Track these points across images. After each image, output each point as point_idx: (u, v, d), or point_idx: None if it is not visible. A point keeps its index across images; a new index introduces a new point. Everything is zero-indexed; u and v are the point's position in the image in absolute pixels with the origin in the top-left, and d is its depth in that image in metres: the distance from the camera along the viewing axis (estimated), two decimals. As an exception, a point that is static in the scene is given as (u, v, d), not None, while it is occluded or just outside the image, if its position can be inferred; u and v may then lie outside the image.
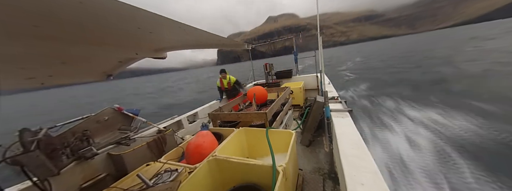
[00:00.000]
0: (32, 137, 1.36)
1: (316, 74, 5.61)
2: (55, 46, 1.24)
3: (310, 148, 2.87)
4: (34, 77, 1.49)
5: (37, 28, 0.98)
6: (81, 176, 1.80)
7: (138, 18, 1.23)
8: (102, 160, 2.01)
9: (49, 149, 1.46)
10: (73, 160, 1.71)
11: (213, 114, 2.77)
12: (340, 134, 1.62)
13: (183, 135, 3.27)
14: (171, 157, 1.90)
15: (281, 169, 1.28)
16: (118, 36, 1.45)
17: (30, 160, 1.26)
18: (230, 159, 1.50)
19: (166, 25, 1.49)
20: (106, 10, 1.01)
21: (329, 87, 3.76)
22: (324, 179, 2.12)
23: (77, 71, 1.80)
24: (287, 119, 3.41)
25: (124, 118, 2.38)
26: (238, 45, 3.32)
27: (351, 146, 1.39)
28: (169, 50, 2.29)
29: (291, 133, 1.82)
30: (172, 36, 1.88)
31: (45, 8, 0.84)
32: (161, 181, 1.35)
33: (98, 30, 1.25)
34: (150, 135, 2.53)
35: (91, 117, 2.03)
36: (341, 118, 1.97)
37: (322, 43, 2.22)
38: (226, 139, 1.91)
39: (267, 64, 6.33)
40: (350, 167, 1.17)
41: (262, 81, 6.55)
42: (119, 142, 2.16)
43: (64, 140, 1.72)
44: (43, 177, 1.35)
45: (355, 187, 1.00)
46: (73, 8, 0.90)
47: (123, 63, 2.02)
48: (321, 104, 2.60)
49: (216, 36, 2.17)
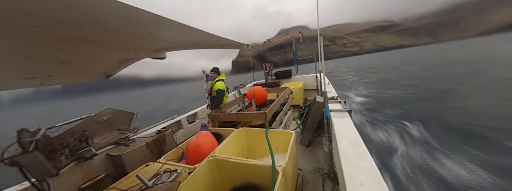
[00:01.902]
0: (31, 137, 1.35)
1: (316, 74, 5.63)
2: (55, 46, 1.23)
3: (310, 148, 2.88)
4: (34, 77, 1.49)
5: (37, 28, 0.98)
6: (80, 176, 1.79)
7: (138, 18, 1.23)
8: (101, 161, 2.00)
9: (47, 150, 1.46)
10: (72, 161, 1.70)
11: (212, 114, 2.77)
12: (339, 134, 1.62)
13: (182, 135, 3.26)
14: (171, 157, 1.90)
15: (280, 169, 1.28)
16: (118, 36, 1.45)
17: (28, 161, 1.25)
18: (229, 159, 1.50)
19: (165, 25, 1.49)
20: (105, 10, 1.02)
21: (328, 87, 3.76)
22: (324, 179, 2.12)
23: (77, 71, 1.80)
24: (286, 119, 3.41)
25: (124, 118, 2.38)
26: (237, 46, 3.32)
27: (351, 146, 1.40)
28: (169, 50, 2.29)
29: (291, 133, 1.82)
30: (171, 36, 1.88)
31: (45, 9, 0.84)
32: (161, 182, 1.34)
33: (97, 30, 1.25)
34: (149, 135, 2.52)
35: (90, 118, 2.02)
36: (341, 118, 1.98)
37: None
38: (226, 139, 1.91)
39: (266, 64, 6.33)
40: (349, 167, 1.17)
41: (262, 81, 6.55)
42: (119, 143, 2.15)
43: (63, 140, 1.72)
44: (41, 178, 1.34)
45: (355, 187, 1.00)
46: (73, 9, 0.91)
47: (123, 63, 2.02)
48: (320, 104, 2.60)
49: (215, 36, 2.18)
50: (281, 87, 4.49)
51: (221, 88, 3.31)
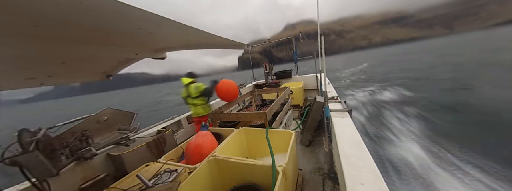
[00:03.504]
0: (31, 137, 1.35)
1: (316, 74, 5.62)
2: (55, 46, 1.23)
3: (310, 148, 2.88)
4: (34, 77, 1.49)
5: (37, 28, 0.98)
6: (80, 176, 1.79)
7: (139, 19, 1.23)
8: (102, 161, 2.01)
9: (48, 150, 1.46)
10: (72, 161, 1.70)
11: (213, 114, 2.77)
12: (339, 134, 1.62)
13: (182, 135, 3.26)
14: (171, 157, 1.90)
15: (281, 169, 1.28)
16: (118, 36, 1.45)
17: (29, 160, 1.25)
18: (230, 159, 1.50)
19: (166, 26, 1.49)
20: (106, 10, 1.02)
21: (328, 87, 3.76)
22: (324, 179, 2.12)
23: (77, 71, 1.80)
24: (286, 119, 3.41)
25: (124, 118, 2.38)
26: (237, 46, 3.32)
27: (351, 146, 1.40)
28: (169, 50, 2.29)
29: (291, 133, 1.82)
30: (172, 37, 1.88)
31: (45, 9, 0.84)
32: (161, 182, 1.34)
33: (98, 30, 1.25)
34: (149, 135, 2.52)
35: (90, 117, 2.02)
36: (341, 118, 1.98)
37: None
38: (226, 139, 1.91)
39: (266, 64, 6.33)
40: (349, 167, 1.17)
41: (262, 81, 6.55)
42: (119, 143, 2.15)
43: (63, 140, 1.72)
44: (42, 177, 1.34)
45: (355, 187, 1.00)
46: (73, 8, 0.90)
47: (123, 63, 2.02)
48: (320, 104, 2.60)
49: (216, 37, 2.18)
50: (281, 87, 4.49)
51: (203, 85, 3.11)
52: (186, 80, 3.13)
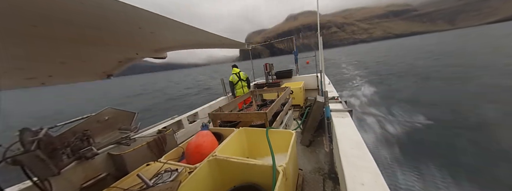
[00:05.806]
0: (33, 137, 1.36)
1: (316, 74, 5.62)
2: (55, 46, 1.24)
3: (310, 148, 2.88)
4: (34, 77, 1.49)
5: (37, 28, 0.98)
6: (81, 175, 1.80)
7: (139, 18, 1.23)
8: (103, 160, 2.01)
9: (49, 149, 1.46)
10: (73, 160, 1.71)
11: (213, 114, 2.77)
12: (340, 134, 1.62)
13: (183, 135, 3.27)
14: (171, 157, 1.90)
15: (281, 169, 1.28)
16: (119, 36, 1.45)
17: (30, 160, 1.26)
18: (230, 159, 1.50)
19: (167, 25, 1.49)
20: (107, 10, 1.01)
21: (329, 87, 3.76)
22: (324, 179, 2.12)
23: (77, 71, 1.80)
24: (287, 119, 3.41)
25: (125, 118, 2.38)
26: (238, 45, 3.32)
27: (351, 146, 1.39)
28: (169, 50, 2.29)
29: (291, 133, 1.82)
30: (173, 36, 1.88)
31: (45, 8, 0.84)
32: (161, 181, 1.35)
33: (98, 30, 1.25)
34: (150, 135, 2.53)
35: (91, 117, 2.03)
36: (341, 118, 1.97)
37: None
38: (226, 139, 1.91)
39: (267, 64, 6.32)
40: (350, 167, 1.17)
41: (262, 81, 6.55)
42: (120, 142, 2.16)
43: (64, 140, 1.72)
44: (43, 177, 1.35)
45: (355, 187, 1.00)
46: (73, 8, 0.90)
47: (123, 63, 2.02)
48: (321, 104, 2.60)
49: (216, 36, 2.18)
50: (282, 87, 4.48)
51: (229, 79, 4.89)
52: (236, 69, 5.00)
